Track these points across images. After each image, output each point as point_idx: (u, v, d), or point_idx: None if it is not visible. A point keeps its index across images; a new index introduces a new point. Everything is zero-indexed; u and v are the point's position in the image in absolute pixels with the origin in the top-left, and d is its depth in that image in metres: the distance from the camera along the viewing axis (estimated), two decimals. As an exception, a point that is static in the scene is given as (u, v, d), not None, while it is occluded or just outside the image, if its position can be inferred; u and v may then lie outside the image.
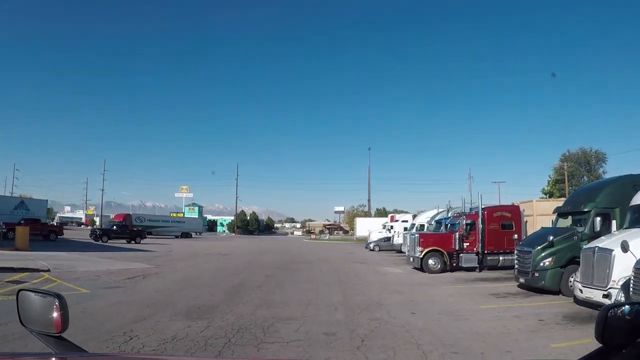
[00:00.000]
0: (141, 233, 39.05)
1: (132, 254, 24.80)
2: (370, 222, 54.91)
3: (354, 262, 23.57)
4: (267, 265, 19.86)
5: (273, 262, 21.76)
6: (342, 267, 20.19)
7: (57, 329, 1.60)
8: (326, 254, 30.63)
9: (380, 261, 24.17)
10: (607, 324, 1.26)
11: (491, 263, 18.68)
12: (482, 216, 18.73)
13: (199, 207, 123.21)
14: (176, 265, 18.52)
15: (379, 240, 36.27)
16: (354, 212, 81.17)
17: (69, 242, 33.05)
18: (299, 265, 19.99)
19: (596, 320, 1.29)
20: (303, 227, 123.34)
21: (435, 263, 17.89)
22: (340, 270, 18.57)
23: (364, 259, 25.63)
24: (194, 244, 41.53)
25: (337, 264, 21.40)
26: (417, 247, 18.10)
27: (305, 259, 24.69)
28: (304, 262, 22.23)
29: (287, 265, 19.80)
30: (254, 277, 14.81)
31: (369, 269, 19.44)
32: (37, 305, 1.68)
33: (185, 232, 56.96)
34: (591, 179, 68.72)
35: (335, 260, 24.61)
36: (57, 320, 1.60)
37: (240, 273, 15.99)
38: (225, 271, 16.67)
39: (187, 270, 16.47)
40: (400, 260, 25.02)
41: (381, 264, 22.22)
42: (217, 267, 18.64)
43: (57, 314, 1.61)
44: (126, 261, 19.04)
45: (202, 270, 16.85)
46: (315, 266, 19.96)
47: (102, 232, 37.20)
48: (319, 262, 22.28)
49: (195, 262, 20.40)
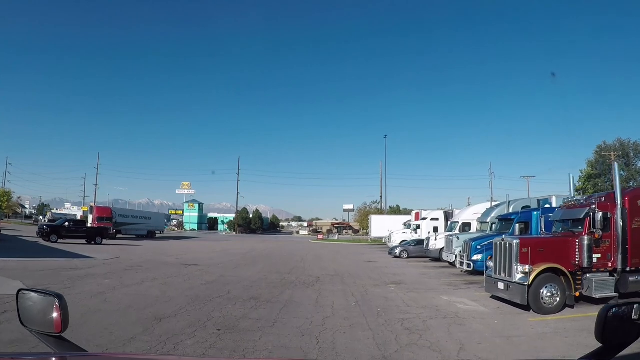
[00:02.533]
0: (103, 231, 30.95)
1: (52, 262, 16.73)
2: (389, 221, 46.31)
3: (382, 280, 15.10)
4: (241, 291, 11.53)
5: (255, 282, 13.43)
6: (369, 297, 11.75)
7: (57, 329, 1.58)
8: (337, 263, 22.20)
9: (425, 280, 15.65)
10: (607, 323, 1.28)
11: (637, 288, 10.35)
12: (621, 205, 10.25)
13: (199, 204, 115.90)
14: (83, 286, 10.26)
15: (407, 244, 27.69)
16: (366, 210, 72.46)
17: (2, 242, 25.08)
18: (295, 293, 11.58)
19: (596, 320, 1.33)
20: (310, 226, 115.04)
21: (554, 294, 9.40)
22: (370, 305, 10.15)
23: (395, 275, 17.13)
24: (164, 246, 33.42)
25: (358, 288, 12.95)
26: (515, 264, 9.57)
27: (308, 274, 16.26)
28: (304, 282, 13.82)
29: (273, 293, 11.41)
30: (187, 334, 6.47)
31: (416, 299, 10.95)
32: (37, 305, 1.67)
33: (151, 231, 48.88)
34: (629, 174, 59.53)
35: (352, 276, 16.17)
36: (57, 320, 1.59)
37: (166, 319, 7.67)
38: (142, 312, 8.33)
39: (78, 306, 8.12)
40: (452, 276, 16.52)
41: (431, 286, 13.71)
42: (144, 298, 10.30)
43: (57, 314, 1.59)
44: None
45: (109, 303, 8.54)
46: (322, 295, 11.52)
47: (51, 229, 29.11)
48: (328, 282, 13.89)
49: (117, 282, 12.08)
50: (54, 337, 1.60)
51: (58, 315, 1.59)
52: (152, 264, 18.07)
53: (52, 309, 1.61)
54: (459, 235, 20.67)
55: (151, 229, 48.73)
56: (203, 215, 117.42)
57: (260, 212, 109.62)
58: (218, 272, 15.67)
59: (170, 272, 15.17)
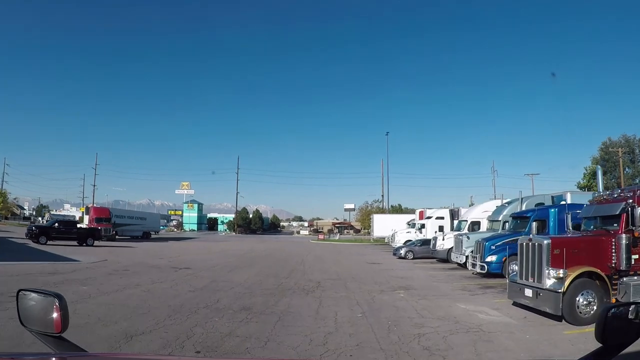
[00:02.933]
0: (94, 233, 29.71)
1: (32, 266, 15.53)
2: (392, 220, 45.01)
3: (388, 285, 13.86)
4: (231, 299, 10.28)
5: (249, 288, 12.18)
6: (377, 306, 10.51)
7: (57, 329, 1.57)
8: (339, 265, 20.95)
9: (435, 284, 14.37)
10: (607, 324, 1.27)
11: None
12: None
13: (199, 205, 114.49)
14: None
15: (413, 244, 26.40)
16: (367, 209, 71.14)
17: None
18: (293, 301, 10.31)
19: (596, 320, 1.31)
20: (310, 226, 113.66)
21: (590, 302, 8.12)
22: (379, 316, 8.89)
23: (402, 279, 15.87)
24: (159, 247, 32.21)
25: (363, 295, 11.69)
26: (547, 268, 8.28)
27: (308, 278, 15.00)
28: (303, 288, 12.56)
29: (268, 302, 10.16)
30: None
31: (430, 308, 9.67)
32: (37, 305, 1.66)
33: (146, 232, 47.53)
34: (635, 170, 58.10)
35: (356, 280, 14.92)
36: (57, 320, 1.58)
37: (138, 337, 6.41)
38: (111, 327, 7.06)
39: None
40: (464, 279, 15.29)
41: (443, 291, 12.44)
42: (119, 309, 9.03)
43: (57, 314, 1.58)
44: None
45: (77, 315, 7.29)
46: (324, 305, 10.25)
47: (39, 230, 27.84)
48: (330, 288, 12.63)
49: (95, 290, 10.80)
50: (53, 337, 1.58)
51: (58, 315, 1.57)
52: (140, 267, 16.83)
53: (52, 309, 1.59)
54: (470, 235, 19.41)
55: (146, 230, 47.48)
56: (203, 215, 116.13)
57: (260, 212, 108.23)
58: (210, 276, 14.42)
59: (158, 276, 13.92)
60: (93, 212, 43.24)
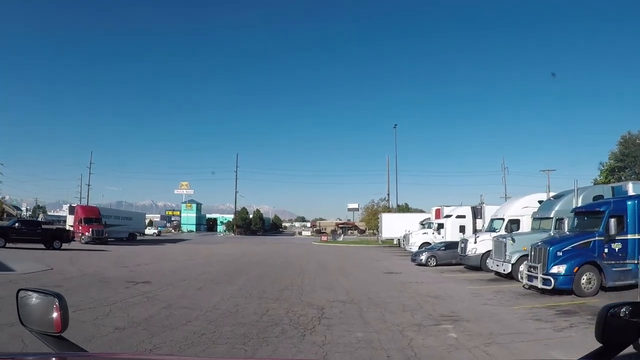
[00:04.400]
0: (63, 234, 25.66)
1: None
2: (402, 220, 40.71)
3: (424, 312, 9.64)
4: (177, 345, 6.07)
5: (215, 320, 8.00)
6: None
7: (57, 328, 1.54)
8: (349, 277, 16.73)
9: (491, 309, 10.08)
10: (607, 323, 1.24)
11: None
12: None
13: (198, 205, 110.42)
14: None
15: (434, 248, 22.08)
16: (374, 208, 66.80)
17: None
18: (276, 352, 6.09)
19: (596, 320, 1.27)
20: (313, 227, 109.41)
21: None
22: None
23: (438, 300, 11.64)
24: (135, 252, 28.14)
25: (392, 336, 7.48)
26: None
27: (306, 300, 10.73)
28: (297, 323, 8.34)
29: (234, 357, 5.95)
30: None
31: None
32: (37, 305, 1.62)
33: (132, 233, 43.89)
34: None
35: (375, 304, 10.71)
36: (57, 320, 1.55)
37: None
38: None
39: None
40: (521, 298, 11.05)
41: (513, 326, 8.15)
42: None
43: (57, 314, 1.55)
44: None
45: None
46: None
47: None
48: (338, 321, 8.41)
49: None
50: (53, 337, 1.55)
51: (58, 315, 1.55)
52: (85, 280, 12.71)
53: (52, 308, 1.56)
54: (515, 237, 15.19)
55: (132, 231, 43.51)
56: (202, 215, 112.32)
57: (261, 212, 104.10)
58: (169, 297, 10.28)
59: (94, 297, 9.78)
60: (80, 211, 38.90)
